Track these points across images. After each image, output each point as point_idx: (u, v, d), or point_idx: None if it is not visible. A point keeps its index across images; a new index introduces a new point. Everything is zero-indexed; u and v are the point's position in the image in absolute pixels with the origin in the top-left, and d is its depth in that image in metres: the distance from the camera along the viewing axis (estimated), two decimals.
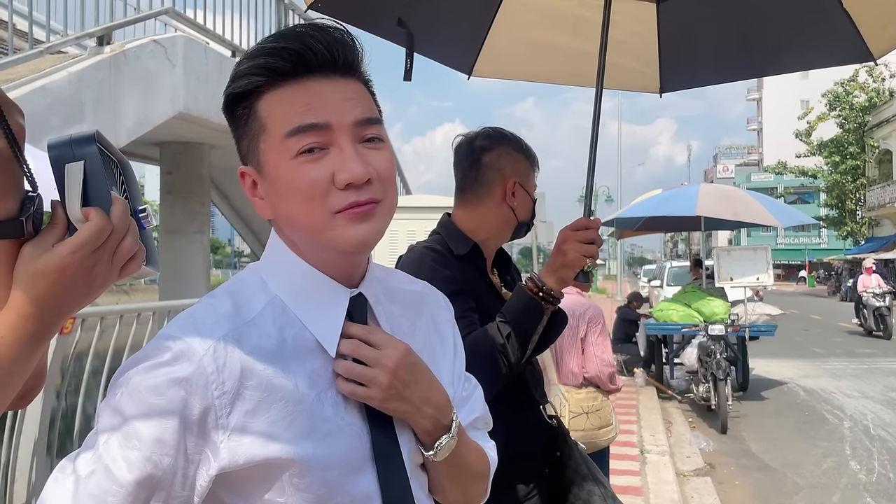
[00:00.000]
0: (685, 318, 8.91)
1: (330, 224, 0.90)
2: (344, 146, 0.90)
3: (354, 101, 0.92)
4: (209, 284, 10.78)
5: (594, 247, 1.71)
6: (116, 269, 0.80)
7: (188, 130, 8.55)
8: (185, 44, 7.48)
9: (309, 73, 0.91)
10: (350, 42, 0.95)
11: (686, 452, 6.89)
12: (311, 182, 0.89)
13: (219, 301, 0.93)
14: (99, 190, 0.78)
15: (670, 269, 19.61)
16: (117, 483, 0.81)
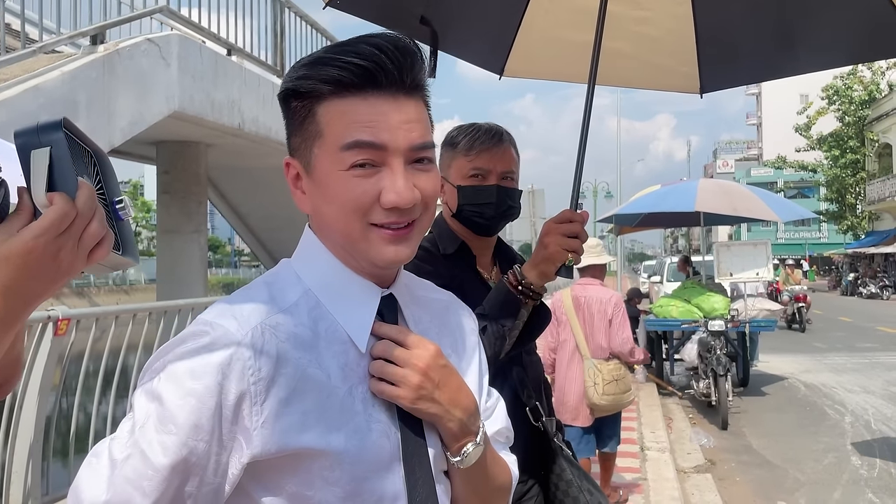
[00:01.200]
0: (685, 314, 8.88)
1: (365, 236, 0.92)
2: (395, 168, 0.91)
3: (413, 124, 0.93)
4: (207, 284, 10.76)
5: (578, 241, 1.65)
6: (83, 254, 0.79)
7: (184, 129, 8.52)
8: (180, 42, 7.45)
9: (375, 90, 0.92)
10: (420, 62, 0.95)
11: (686, 449, 6.87)
12: (358, 196, 0.91)
13: (256, 290, 0.96)
14: (65, 175, 0.78)
15: (670, 264, 19.57)
16: (153, 467, 0.82)
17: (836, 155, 36.34)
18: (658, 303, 9.78)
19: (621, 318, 4.84)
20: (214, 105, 8.08)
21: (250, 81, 8.91)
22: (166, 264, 10.12)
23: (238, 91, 8.59)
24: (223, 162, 11.04)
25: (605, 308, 4.80)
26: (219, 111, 8.19)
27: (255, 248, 15.13)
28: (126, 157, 11.43)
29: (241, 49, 9.00)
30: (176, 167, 9.83)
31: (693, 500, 5.44)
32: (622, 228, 12.26)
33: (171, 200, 9.94)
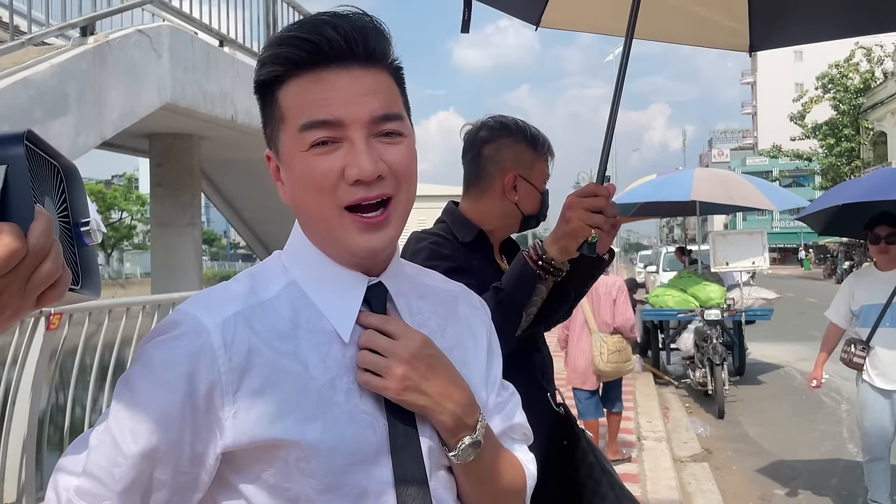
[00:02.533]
0: (681, 304, 8.88)
1: (340, 222, 0.90)
2: (356, 141, 0.89)
3: (372, 95, 0.90)
4: (201, 277, 10.72)
5: (602, 216, 1.55)
6: (31, 297, 0.68)
7: (177, 122, 8.46)
8: (171, 34, 7.38)
9: (326, 64, 0.90)
10: (373, 30, 0.92)
11: (683, 438, 6.88)
12: (321, 174, 0.89)
13: (237, 282, 0.96)
14: (20, 201, 0.66)
15: (666, 254, 19.56)
16: (123, 454, 0.84)
17: (831, 143, 36.34)
18: (654, 292, 9.78)
19: (624, 299, 5.90)
20: (207, 97, 8.01)
21: (243, 73, 8.84)
22: (160, 257, 10.07)
23: (231, 82, 8.52)
24: (217, 154, 10.98)
25: (611, 291, 5.82)
26: (211, 103, 8.13)
27: (250, 241, 15.08)
28: (119, 150, 11.35)
29: (234, 40, 8.93)
30: (169, 160, 9.76)
31: (690, 489, 5.45)
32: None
33: (165, 193, 9.88)
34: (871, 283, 4.30)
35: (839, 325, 4.48)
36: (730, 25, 2.32)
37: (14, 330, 4.08)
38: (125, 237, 51.23)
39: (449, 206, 1.91)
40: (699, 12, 2.31)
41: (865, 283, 4.35)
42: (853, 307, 4.35)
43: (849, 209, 4.64)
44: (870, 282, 4.31)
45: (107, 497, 0.84)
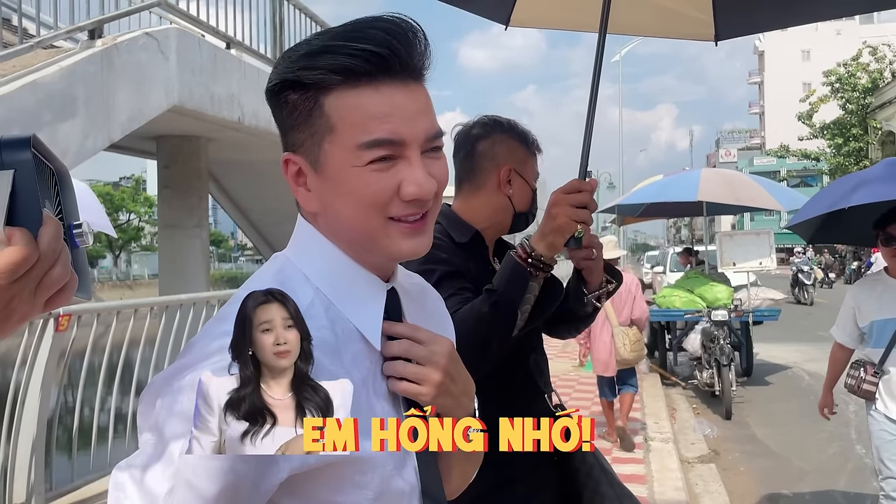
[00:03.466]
0: (688, 304, 8.86)
1: (384, 231, 0.90)
2: (413, 160, 0.89)
3: (425, 113, 0.91)
4: (209, 279, 10.76)
5: (586, 211, 1.61)
6: (40, 301, 0.68)
7: (185, 124, 8.50)
8: (179, 36, 7.42)
9: (387, 78, 0.88)
10: (427, 47, 0.92)
11: (690, 439, 6.86)
12: (377, 190, 0.88)
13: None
14: (29, 206, 0.66)
15: (673, 254, 19.53)
16: (202, 497, 0.77)
17: (839, 143, 36.17)
18: (661, 293, 9.76)
19: (640, 294, 6.83)
20: (214, 99, 8.05)
21: (250, 75, 8.87)
22: (168, 259, 10.12)
23: (238, 85, 8.56)
24: (224, 156, 11.02)
25: (630, 288, 6.44)
26: (218, 105, 8.16)
27: (257, 243, 15.13)
28: (126, 153, 11.41)
29: (241, 42, 8.96)
30: (176, 162, 9.81)
31: (697, 490, 5.44)
32: (625, 218, 12.23)
33: (173, 195, 9.93)
34: (882, 293, 3.54)
35: (846, 345, 3.76)
36: (695, 16, 2.35)
37: (23, 331, 4.11)
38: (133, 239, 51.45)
39: (443, 209, 1.92)
40: (665, 4, 2.34)
41: (876, 294, 3.57)
42: (860, 323, 3.61)
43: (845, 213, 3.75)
44: (881, 291, 3.55)
45: None
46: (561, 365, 9.67)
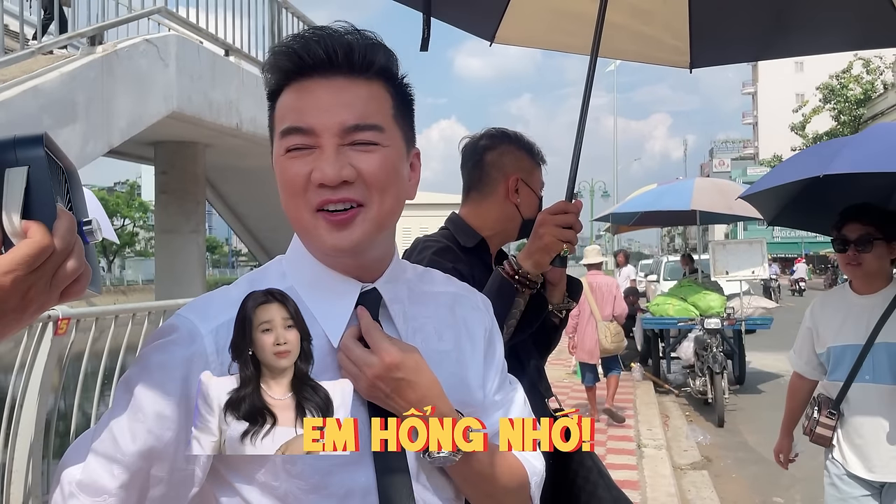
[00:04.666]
0: (681, 313, 8.92)
1: (314, 223, 0.94)
2: (325, 148, 0.92)
3: (347, 105, 0.93)
4: (205, 284, 10.77)
5: (572, 232, 1.68)
6: (56, 292, 0.71)
7: (182, 130, 8.55)
8: (178, 43, 7.47)
9: (310, 75, 0.94)
10: (360, 44, 0.95)
11: (683, 446, 6.91)
12: (292, 177, 0.93)
13: (236, 287, 0.99)
14: (43, 201, 0.68)
15: (666, 263, 19.61)
16: (121, 452, 0.88)
17: None
18: (655, 301, 9.82)
19: (620, 294, 8.02)
20: (212, 105, 8.10)
21: (248, 82, 8.93)
22: (165, 264, 10.14)
23: (236, 91, 8.62)
24: (221, 162, 11.06)
25: (611, 289, 7.79)
26: (217, 111, 8.22)
27: (253, 249, 15.14)
28: (124, 158, 11.44)
29: (239, 49, 9.02)
30: (174, 167, 9.85)
31: (689, 496, 5.49)
32: (619, 227, 12.30)
33: (170, 200, 9.96)
34: (841, 312, 2.75)
35: (805, 375, 2.99)
36: (672, 44, 2.45)
37: (22, 335, 4.13)
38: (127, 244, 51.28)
39: (452, 215, 1.99)
40: (646, 31, 2.45)
41: (833, 313, 2.78)
42: (817, 349, 2.84)
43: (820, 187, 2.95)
44: (841, 311, 2.76)
45: (106, 491, 0.88)
46: (555, 372, 9.72)
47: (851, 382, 2.64)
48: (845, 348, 2.68)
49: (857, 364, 2.61)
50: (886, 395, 2.58)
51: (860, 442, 2.66)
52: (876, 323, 2.60)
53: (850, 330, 2.68)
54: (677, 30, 2.41)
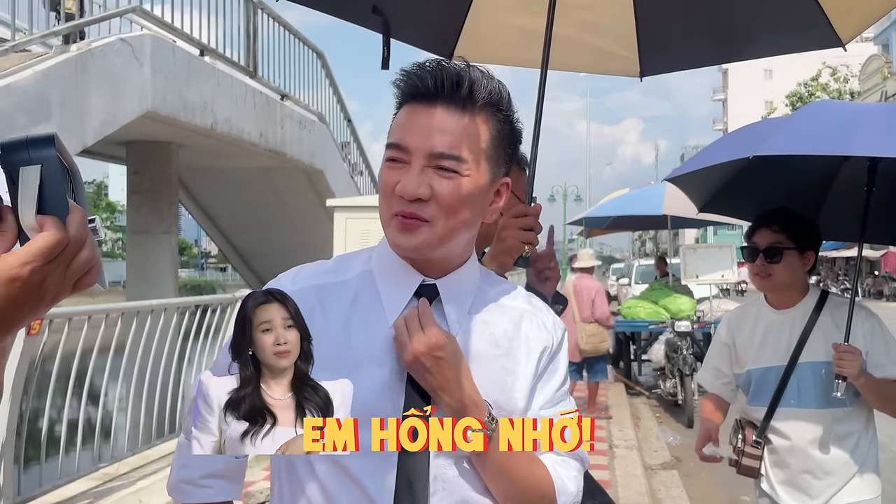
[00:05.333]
0: (652, 315, 9.05)
1: (389, 222, 1.09)
2: (413, 166, 1.07)
3: (440, 133, 1.07)
4: (177, 284, 10.69)
5: (532, 233, 1.76)
6: (69, 283, 0.74)
7: (156, 129, 8.49)
8: (153, 42, 7.43)
9: (421, 100, 1.09)
10: (467, 79, 1.09)
11: (654, 446, 7.01)
12: (384, 183, 1.10)
13: (332, 261, 1.22)
14: (55, 197, 0.72)
15: (638, 267, 19.85)
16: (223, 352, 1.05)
17: None
18: (626, 304, 9.95)
19: (601, 299, 8.25)
20: (187, 105, 8.06)
21: (223, 82, 8.90)
22: (136, 265, 10.05)
23: (211, 91, 8.58)
24: (194, 162, 10.99)
25: (590, 293, 8.13)
26: (191, 111, 8.17)
27: (226, 250, 15.04)
28: (96, 157, 11.32)
29: (214, 50, 8.98)
30: (147, 167, 9.77)
31: (660, 495, 5.58)
32: (592, 231, 12.44)
33: (142, 201, 9.88)
34: (759, 330, 2.49)
35: (725, 398, 2.66)
36: (623, 55, 2.57)
37: None
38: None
39: None
40: (597, 44, 2.57)
41: (751, 331, 2.51)
42: (736, 369, 2.57)
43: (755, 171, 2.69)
44: (758, 328, 2.49)
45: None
46: None
47: (776, 408, 2.41)
48: (767, 371, 2.44)
49: (781, 387, 2.38)
50: (814, 419, 2.36)
51: (790, 472, 2.42)
52: (797, 341, 2.37)
53: (769, 350, 2.44)
54: (626, 41, 2.52)
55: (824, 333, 2.35)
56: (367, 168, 15.58)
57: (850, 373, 2.23)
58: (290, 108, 11.13)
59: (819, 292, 2.47)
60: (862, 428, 2.39)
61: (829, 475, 2.36)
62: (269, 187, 12.37)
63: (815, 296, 2.44)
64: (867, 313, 2.42)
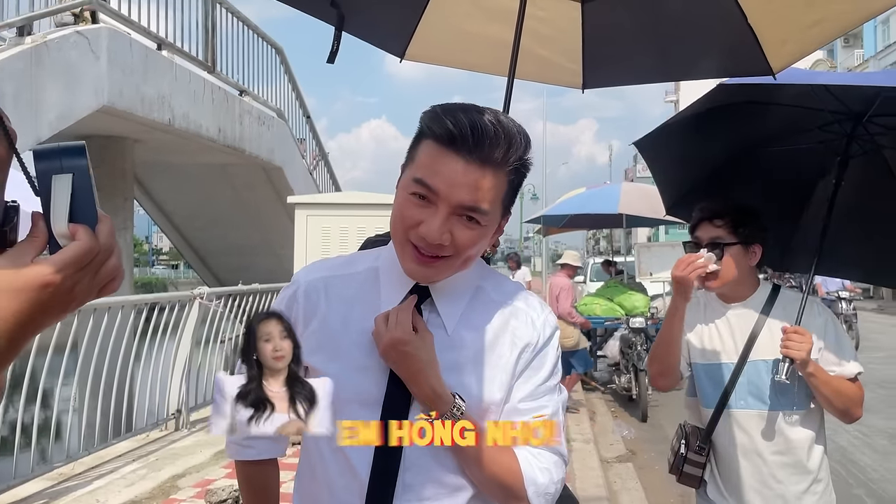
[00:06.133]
0: (608, 312, 9.22)
1: (402, 247, 1.20)
2: (440, 211, 1.15)
3: (472, 187, 1.14)
4: (132, 280, 10.51)
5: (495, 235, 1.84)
6: (96, 289, 0.77)
7: (112, 124, 8.34)
8: (110, 36, 7.30)
9: (454, 149, 1.14)
10: (505, 146, 1.14)
11: (609, 440, 7.17)
12: (405, 216, 1.18)
13: (346, 257, 1.36)
14: (86, 206, 0.73)
15: (593, 265, 20.14)
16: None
17: None
18: (582, 301, 10.12)
19: (564, 295, 8.55)
20: (144, 100, 7.94)
21: (181, 77, 8.79)
22: None
23: (169, 86, 8.46)
24: (150, 158, 10.81)
25: (553, 289, 8.58)
26: (149, 106, 8.06)
27: (180, 246, 14.81)
28: None
29: (172, 44, 8.87)
30: (102, 162, 9.57)
31: (615, 487, 5.72)
32: (549, 229, 12.61)
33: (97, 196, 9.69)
34: (707, 324, 2.33)
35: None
36: (568, 67, 2.68)
37: None
38: None
39: None
40: (544, 55, 2.66)
41: (700, 325, 2.34)
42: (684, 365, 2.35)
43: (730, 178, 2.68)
44: (707, 322, 2.34)
45: None
46: None
47: (723, 409, 2.24)
48: (714, 368, 2.28)
49: (730, 387, 2.22)
50: (765, 421, 2.20)
51: (736, 480, 2.25)
52: (747, 339, 2.22)
53: (718, 347, 2.28)
54: (572, 54, 2.63)
55: (776, 329, 2.17)
56: (327, 165, 15.51)
57: (798, 355, 2.07)
58: (249, 104, 11.03)
59: (770, 286, 2.32)
60: (815, 434, 2.22)
61: (781, 484, 2.19)
62: (226, 184, 12.23)
63: (767, 290, 2.29)
64: (820, 308, 2.28)
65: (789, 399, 2.17)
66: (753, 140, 2.67)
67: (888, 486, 5.72)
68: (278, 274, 10.28)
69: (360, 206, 7.30)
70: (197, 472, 5.21)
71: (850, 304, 14.81)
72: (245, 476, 1.41)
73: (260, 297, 8.25)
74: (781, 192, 2.65)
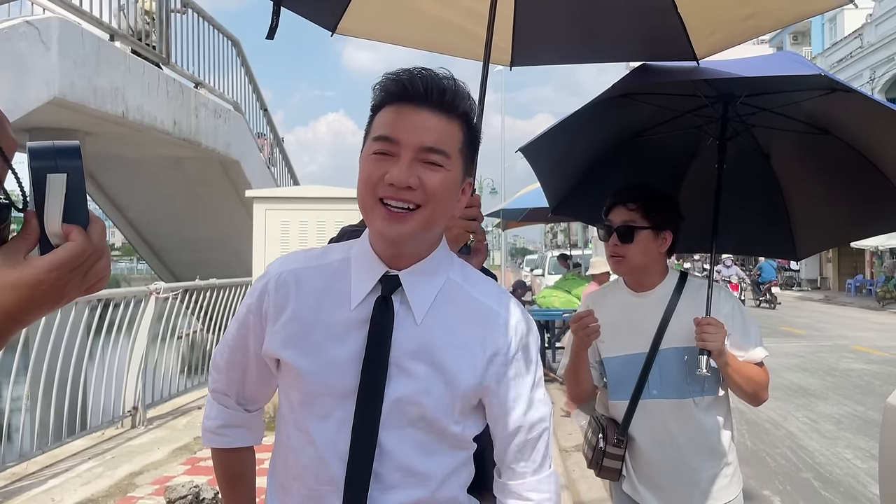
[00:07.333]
0: (566, 304, 9.35)
1: (374, 211, 1.19)
2: (402, 158, 1.17)
3: (429, 131, 1.19)
4: None
5: (476, 223, 1.84)
6: (84, 287, 0.78)
7: (63, 116, 8.15)
8: (61, 26, 7.13)
9: (409, 102, 1.19)
10: (453, 92, 1.21)
11: (567, 430, 7.29)
12: (371, 173, 1.19)
13: (319, 249, 1.36)
14: (79, 206, 0.74)
15: (551, 258, 20.38)
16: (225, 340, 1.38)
17: None
18: (541, 294, 10.25)
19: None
20: (97, 92, 7.78)
21: (135, 69, 8.62)
22: None
23: (122, 78, 8.30)
24: (103, 151, 10.59)
25: None
26: (101, 98, 7.89)
27: (135, 241, 14.54)
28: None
29: (125, 35, 8.69)
30: None
31: (574, 475, 5.83)
32: (507, 223, 12.71)
33: None
34: (617, 315, 2.28)
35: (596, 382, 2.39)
36: (498, 45, 2.66)
37: None
38: None
39: None
40: (474, 30, 2.65)
41: (609, 316, 2.24)
42: (596, 357, 2.33)
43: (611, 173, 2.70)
44: (617, 313, 2.28)
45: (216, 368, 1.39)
46: None
47: (638, 400, 2.21)
48: (626, 360, 2.25)
49: (643, 378, 2.20)
50: (678, 410, 2.21)
51: (651, 470, 2.25)
52: (658, 327, 2.20)
53: (629, 337, 2.25)
54: (503, 32, 2.62)
55: (685, 317, 2.18)
56: (284, 159, 15.37)
57: (715, 346, 2.08)
58: (205, 97, 10.86)
59: (678, 274, 2.32)
60: (724, 419, 2.28)
61: (695, 471, 2.23)
62: (182, 178, 12.03)
63: (675, 278, 2.29)
64: (727, 294, 2.31)
65: (700, 385, 2.19)
66: (630, 130, 2.75)
67: (834, 470, 5.93)
68: (236, 268, 10.18)
69: (320, 199, 7.26)
70: (155, 469, 5.16)
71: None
72: (220, 463, 1.43)
73: (217, 291, 8.17)
74: (658, 177, 2.59)
